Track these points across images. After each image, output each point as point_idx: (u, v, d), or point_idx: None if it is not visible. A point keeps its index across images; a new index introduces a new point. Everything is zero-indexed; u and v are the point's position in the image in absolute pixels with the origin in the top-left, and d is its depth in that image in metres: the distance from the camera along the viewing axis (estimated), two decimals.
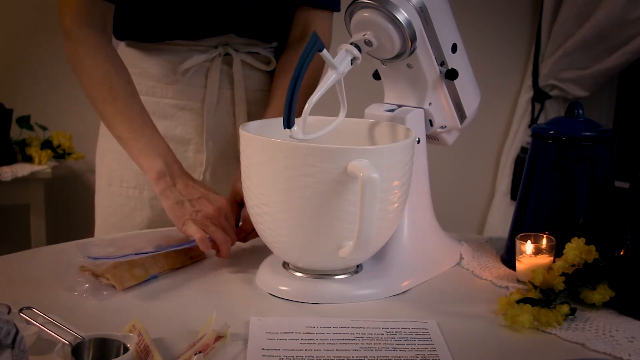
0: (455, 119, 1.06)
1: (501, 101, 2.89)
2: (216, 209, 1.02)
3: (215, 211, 1.01)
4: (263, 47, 1.29)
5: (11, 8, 2.65)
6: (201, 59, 1.23)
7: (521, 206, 1.09)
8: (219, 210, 1.02)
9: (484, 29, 2.78)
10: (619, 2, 2.44)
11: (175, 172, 1.05)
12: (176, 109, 1.25)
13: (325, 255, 0.91)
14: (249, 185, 0.92)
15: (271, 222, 0.90)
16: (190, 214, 1.00)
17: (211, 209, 1.01)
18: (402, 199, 0.92)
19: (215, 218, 1.01)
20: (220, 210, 1.02)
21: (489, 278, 1.03)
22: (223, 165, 1.28)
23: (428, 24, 0.95)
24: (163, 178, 1.03)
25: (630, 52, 2.50)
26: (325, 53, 0.89)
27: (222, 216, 1.02)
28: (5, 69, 2.67)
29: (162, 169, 1.03)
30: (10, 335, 0.62)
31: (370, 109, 1.05)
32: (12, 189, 2.41)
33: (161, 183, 1.03)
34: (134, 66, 1.25)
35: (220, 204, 1.03)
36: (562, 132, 1.04)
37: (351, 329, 0.84)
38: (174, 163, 1.06)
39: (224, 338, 0.78)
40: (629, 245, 0.90)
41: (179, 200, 1.02)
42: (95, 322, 0.84)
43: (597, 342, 0.83)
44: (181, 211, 1.01)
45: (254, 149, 0.89)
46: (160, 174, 1.03)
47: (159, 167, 1.03)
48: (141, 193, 1.27)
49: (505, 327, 0.87)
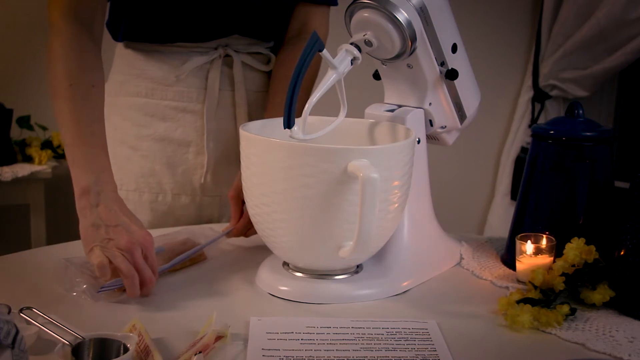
0: (455, 119, 1.06)
1: (501, 101, 2.89)
2: (131, 241, 0.90)
3: (129, 243, 0.89)
4: (263, 47, 1.29)
5: (11, 8, 2.65)
6: (201, 60, 1.22)
7: (521, 206, 1.09)
8: (133, 244, 0.90)
9: (484, 29, 2.77)
10: (619, 2, 2.44)
11: (103, 194, 0.94)
12: (176, 111, 1.25)
13: (325, 255, 0.91)
14: (249, 185, 0.92)
15: (271, 222, 0.90)
16: (101, 241, 0.90)
17: (125, 240, 0.90)
18: (402, 199, 0.92)
19: (128, 250, 0.89)
20: (134, 243, 0.90)
21: (489, 278, 1.03)
22: (224, 167, 1.27)
23: (428, 24, 0.95)
24: (86, 195, 0.94)
25: (630, 52, 2.49)
26: (326, 53, 0.89)
27: (135, 250, 0.90)
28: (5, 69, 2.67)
29: (87, 185, 0.94)
30: (10, 335, 0.62)
31: (370, 109, 1.05)
32: (12, 189, 2.41)
33: (83, 200, 0.94)
34: (132, 67, 1.24)
35: (139, 238, 0.91)
36: (562, 132, 1.04)
37: (351, 329, 0.84)
38: (108, 184, 0.96)
39: (224, 338, 0.78)
40: (629, 245, 0.90)
41: (96, 224, 0.92)
42: (95, 322, 0.84)
43: (597, 342, 0.83)
44: (93, 235, 0.91)
45: (254, 149, 0.89)
46: (84, 190, 0.94)
47: (84, 183, 0.94)
48: (141, 196, 1.26)
49: (505, 327, 0.87)
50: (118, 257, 0.89)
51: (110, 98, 1.29)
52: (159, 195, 1.26)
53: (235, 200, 1.12)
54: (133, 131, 1.25)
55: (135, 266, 0.89)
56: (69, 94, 0.99)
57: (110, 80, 1.29)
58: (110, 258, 0.89)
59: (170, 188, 1.26)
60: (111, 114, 1.28)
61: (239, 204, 1.11)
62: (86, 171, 0.96)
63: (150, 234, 0.93)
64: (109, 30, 1.26)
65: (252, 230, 1.11)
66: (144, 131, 1.25)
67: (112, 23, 1.25)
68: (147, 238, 0.92)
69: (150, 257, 0.92)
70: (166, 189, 1.26)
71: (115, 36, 1.26)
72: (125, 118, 1.26)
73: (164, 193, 1.26)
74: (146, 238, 0.92)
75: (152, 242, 0.93)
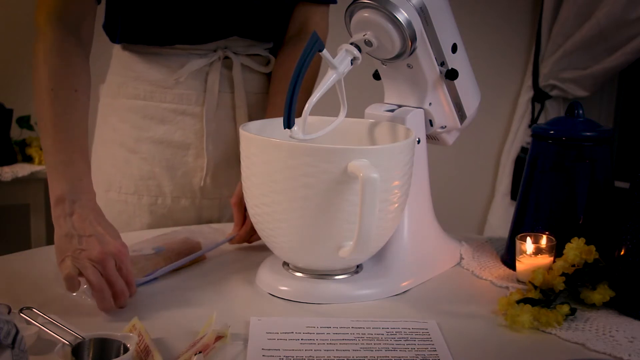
0: (456, 119, 1.06)
1: (501, 101, 2.89)
2: (103, 252, 0.87)
3: (101, 254, 0.86)
4: (262, 48, 1.28)
5: (11, 8, 2.65)
6: (200, 63, 1.21)
7: (521, 206, 1.09)
8: (105, 255, 0.87)
9: (484, 29, 2.77)
10: (619, 2, 2.44)
11: (78, 202, 0.91)
12: (175, 113, 1.23)
13: (325, 255, 0.91)
14: (249, 185, 0.92)
15: (271, 222, 0.90)
16: (73, 251, 0.87)
17: (96, 252, 0.86)
18: (402, 199, 0.92)
19: (99, 262, 0.86)
20: (107, 254, 0.87)
21: (489, 278, 1.03)
22: (224, 170, 1.26)
23: (428, 24, 0.95)
24: (61, 204, 0.91)
25: (630, 52, 2.49)
26: (326, 53, 0.89)
27: (107, 261, 0.87)
28: (5, 69, 2.67)
29: (62, 194, 0.92)
30: (10, 335, 0.62)
31: (370, 109, 1.05)
32: (12, 189, 2.41)
33: (57, 209, 0.92)
34: (130, 70, 1.24)
35: (112, 249, 0.88)
36: (562, 132, 1.04)
37: (351, 329, 0.84)
38: (84, 192, 0.93)
39: (224, 338, 0.79)
40: (629, 245, 0.90)
41: (69, 234, 0.89)
42: (95, 322, 0.84)
43: (597, 342, 0.83)
44: (66, 246, 0.88)
45: (254, 149, 0.89)
46: (60, 199, 0.92)
47: (59, 192, 0.92)
48: (140, 199, 1.26)
49: (505, 327, 0.87)
50: (89, 268, 0.85)
51: (108, 100, 1.29)
52: (158, 198, 1.25)
53: (238, 206, 1.11)
54: (132, 134, 1.25)
55: (107, 278, 0.86)
56: (50, 99, 0.97)
57: (108, 82, 1.28)
58: (81, 269, 0.86)
59: (170, 191, 1.25)
60: (110, 115, 1.28)
61: (242, 211, 1.11)
62: (62, 179, 0.93)
63: (125, 245, 0.90)
64: (106, 32, 1.25)
65: (256, 237, 1.10)
66: (143, 134, 1.24)
67: (109, 25, 1.24)
68: (121, 249, 0.89)
69: (125, 268, 0.88)
70: (166, 191, 1.25)
71: (112, 38, 1.25)
72: (123, 120, 1.25)
73: (164, 196, 1.25)
74: (120, 249, 0.89)
75: (127, 253, 0.89)
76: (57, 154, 0.95)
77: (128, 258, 0.89)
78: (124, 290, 0.87)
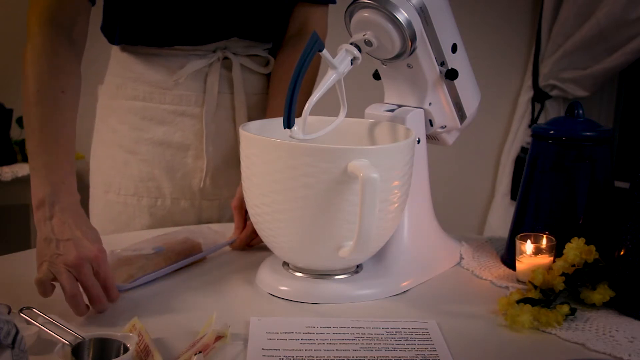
0: (455, 119, 1.06)
1: (501, 101, 2.89)
2: (79, 257, 0.84)
3: (76, 259, 0.84)
4: (262, 49, 1.28)
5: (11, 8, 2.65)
6: (200, 64, 1.21)
7: (521, 206, 1.09)
8: (81, 260, 0.84)
9: (484, 29, 2.77)
10: (619, 2, 2.44)
11: (58, 205, 0.89)
12: (175, 114, 1.23)
13: (325, 255, 0.91)
14: (249, 185, 0.92)
15: (271, 222, 0.90)
16: (50, 256, 0.85)
17: (72, 256, 0.84)
18: (402, 199, 0.92)
19: (74, 267, 0.84)
20: (82, 259, 0.84)
21: (489, 278, 1.03)
22: (223, 171, 1.26)
23: (428, 24, 0.95)
24: (42, 207, 0.89)
25: (630, 52, 2.49)
26: (326, 53, 0.89)
27: (83, 266, 0.84)
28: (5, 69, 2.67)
29: (43, 197, 0.89)
30: (10, 335, 0.62)
31: (370, 109, 1.05)
32: (12, 189, 2.41)
33: (39, 213, 0.89)
34: (129, 71, 1.23)
35: (88, 254, 0.85)
36: (562, 132, 1.04)
37: (351, 329, 0.84)
38: (66, 195, 0.91)
39: (224, 338, 0.79)
40: (629, 245, 0.90)
41: (48, 238, 0.87)
42: (95, 322, 0.84)
43: (597, 342, 0.83)
44: (44, 250, 0.86)
45: (254, 149, 0.89)
46: (41, 202, 0.89)
47: (41, 195, 0.89)
48: (140, 200, 1.25)
49: (505, 327, 0.87)
50: (63, 273, 0.83)
51: (107, 101, 1.28)
52: (158, 200, 1.25)
53: (239, 210, 1.11)
54: (131, 135, 1.25)
55: (82, 284, 0.84)
56: (36, 99, 0.96)
57: (107, 83, 1.28)
58: (55, 274, 0.84)
59: (170, 192, 1.25)
60: (109, 117, 1.28)
61: (242, 214, 1.11)
62: (44, 182, 0.91)
63: (103, 250, 0.88)
64: (104, 34, 1.24)
65: (257, 240, 1.10)
66: (143, 135, 1.24)
67: (107, 26, 1.23)
68: (98, 254, 0.86)
69: (103, 272, 0.86)
70: (165, 193, 1.25)
71: (111, 40, 1.24)
72: (123, 121, 1.25)
73: (163, 197, 1.25)
74: (97, 254, 0.86)
75: (105, 258, 0.87)
76: (40, 157, 0.93)
77: (106, 262, 0.87)
78: (100, 295, 0.85)
